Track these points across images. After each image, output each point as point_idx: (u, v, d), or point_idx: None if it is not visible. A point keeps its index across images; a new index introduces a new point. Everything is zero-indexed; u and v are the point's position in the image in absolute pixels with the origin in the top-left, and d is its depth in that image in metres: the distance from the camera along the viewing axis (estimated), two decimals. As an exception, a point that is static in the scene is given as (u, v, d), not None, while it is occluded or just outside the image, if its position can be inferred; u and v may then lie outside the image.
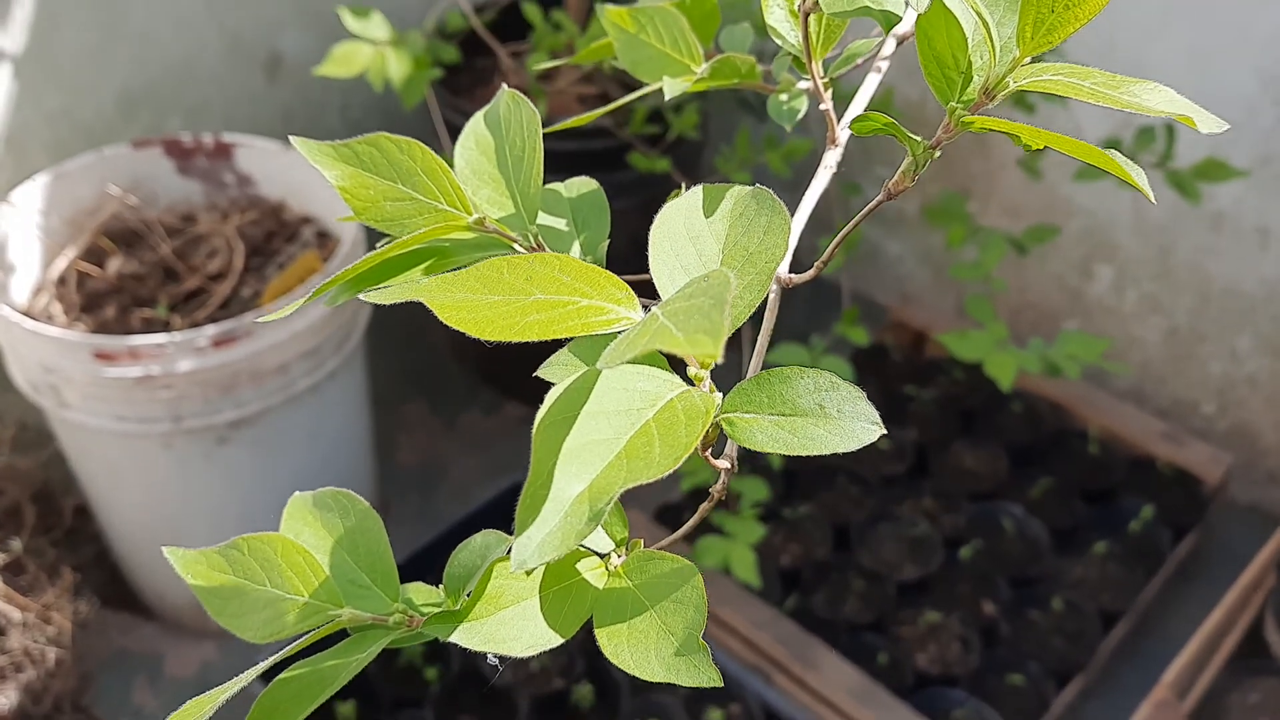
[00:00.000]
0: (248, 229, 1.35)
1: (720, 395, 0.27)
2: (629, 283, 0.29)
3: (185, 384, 1.11)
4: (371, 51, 0.93)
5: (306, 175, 1.35)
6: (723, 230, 0.29)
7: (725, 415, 0.27)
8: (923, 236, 1.80)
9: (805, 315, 1.70)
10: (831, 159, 0.35)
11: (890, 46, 0.35)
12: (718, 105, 1.57)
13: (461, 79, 1.50)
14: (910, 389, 1.60)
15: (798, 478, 1.48)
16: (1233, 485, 1.56)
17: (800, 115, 0.37)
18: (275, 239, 1.35)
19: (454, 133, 1.44)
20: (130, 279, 1.27)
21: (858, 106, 0.35)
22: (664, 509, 1.43)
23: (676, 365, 0.26)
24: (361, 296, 0.29)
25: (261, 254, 1.33)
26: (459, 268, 0.30)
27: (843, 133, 0.35)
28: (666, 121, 1.25)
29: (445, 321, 0.26)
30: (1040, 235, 1.11)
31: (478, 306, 0.26)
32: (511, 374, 1.67)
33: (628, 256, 0.45)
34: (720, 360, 0.23)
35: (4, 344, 1.16)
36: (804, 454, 0.27)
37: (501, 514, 1.43)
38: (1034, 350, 1.06)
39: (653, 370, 0.26)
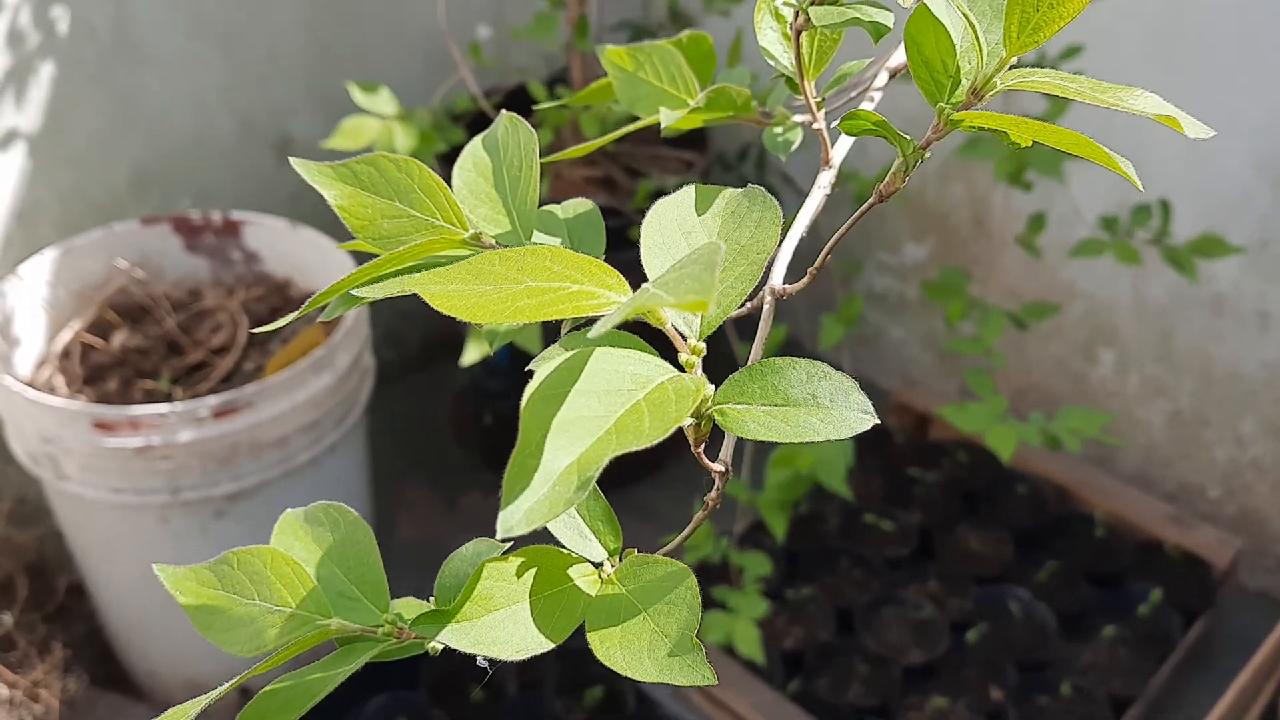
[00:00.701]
0: (253, 304, 1.35)
1: (712, 387, 0.27)
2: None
3: (184, 455, 1.11)
4: (379, 125, 0.94)
5: (313, 254, 1.36)
6: (715, 226, 0.30)
7: (718, 406, 0.27)
8: (925, 321, 1.81)
9: (808, 397, 1.69)
10: (825, 179, 0.36)
11: (883, 79, 0.35)
12: (724, 183, 1.58)
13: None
14: (914, 471, 1.59)
15: (800, 558, 1.47)
16: (1242, 570, 1.54)
17: (794, 147, 0.38)
18: (279, 314, 1.35)
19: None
20: (134, 352, 1.27)
21: (845, 143, 0.35)
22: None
23: (668, 357, 0.26)
24: (353, 291, 0.29)
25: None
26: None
27: (836, 154, 0.35)
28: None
29: (437, 308, 0.26)
30: (1040, 312, 1.11)
31: (469, 295, 0.26)
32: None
33: (633, 331, 0.46)
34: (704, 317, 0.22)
35: (5, 415, 1.16)
36: (797, 441, 0.26)
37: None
38: (1035, 424, 1.05)
39: (644, 355, 0.26)
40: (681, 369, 0.26)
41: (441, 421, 1.77)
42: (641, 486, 1.61)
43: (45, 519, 1.34)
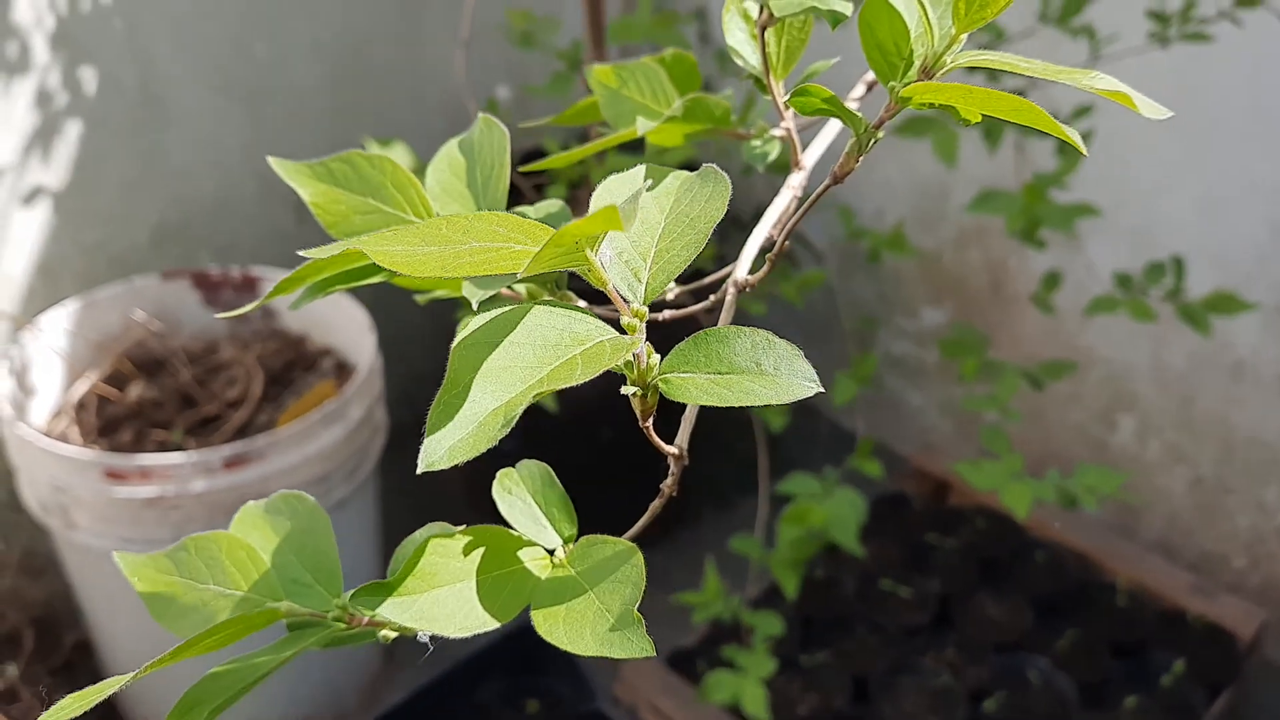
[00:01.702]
0: (268, 358, 1.36)
1: (659, 356, 0.27)
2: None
3: (194, 505, 1.11)
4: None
5: (329, 311, 1.37)
6: (668, 203, 0.30)
7: (663, 375, 0.27)
8: (944, 387, 1.80)
9: (822, 461, 1.68)
10: (796, 180, 0.36)
11: (860, 89, 0.35)
12: (735, 237, 1.59)
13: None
14: (931, 538, 1.57)
15: (815, 624, 1.44)
16: (1267, 642, 1.50)
17: (772, 159, 0.38)
18: (294, 368, 1.36)
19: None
20: (149, 404, 1.28)
21: (825, 138, 0.35)
22: (678, 654, 1.39)
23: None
24: (301, 253, 0.29)
25: (280, 383, 1.35)
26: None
27: (807, 158, 0.35)
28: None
29: (382, 264, 0.25)
30: (1056, 371, 1.10)
31: (415, 255, 0.26)
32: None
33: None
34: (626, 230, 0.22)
35: (17, 463, 1.17)
36: (738, 405, 0.26)
37: (508, 655, 1.39)
38: (1051, 481, 1.04)
39: (586, 318, 0.25)
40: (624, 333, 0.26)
41: (455, 482, 1.76)
42: (653, 553, 1.60)
43: (54, 573, 1.34)
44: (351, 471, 1.24)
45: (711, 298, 0.33)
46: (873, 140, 0.32)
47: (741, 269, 0.34)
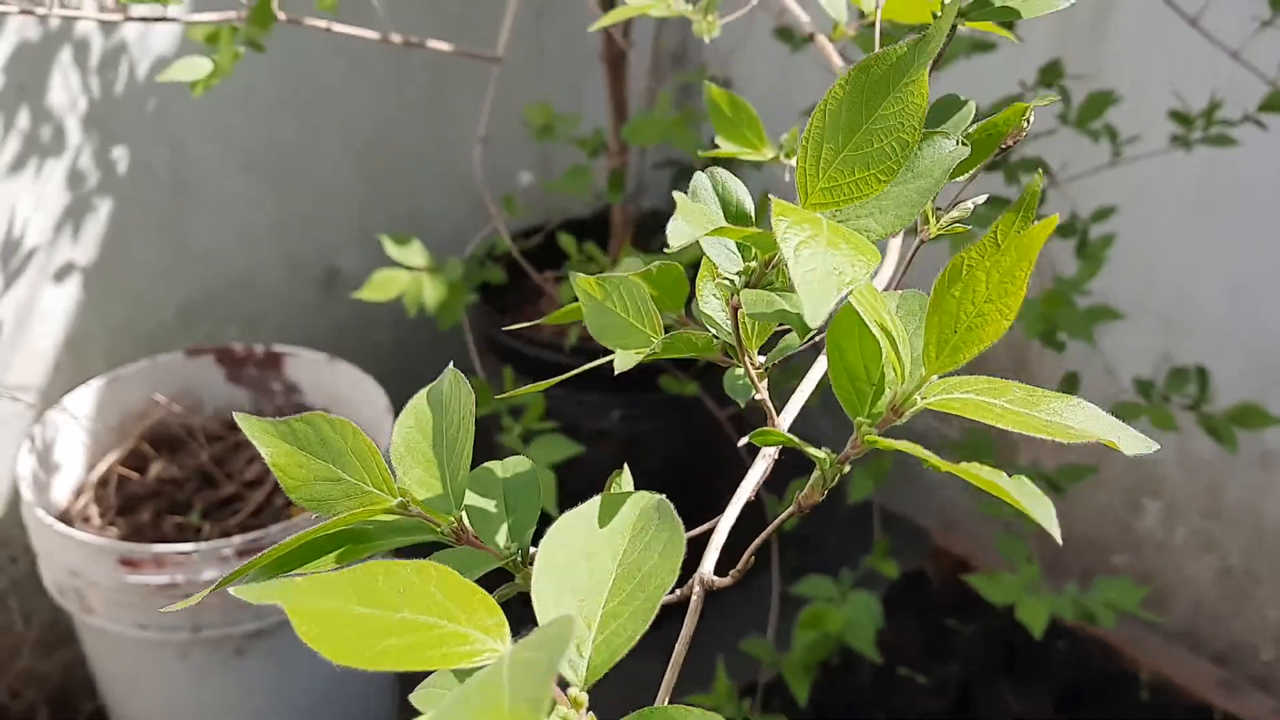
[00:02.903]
0: (289, 437, 1.37)
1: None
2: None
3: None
4: (409, 278, 0.97)
5: (350, 387, 1.38)
6: (621, 545, 0.29)
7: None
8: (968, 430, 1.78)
9: (839, 540, 1.66)
10: (770, 450, 0.35)
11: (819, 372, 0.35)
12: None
13: (508, 297, 1.55)
14: (952, 622, 1.55)
15: (827, 709, 1.43)
16: (1297, 741, 1.46)
17: (753, 395, 0.38)
18: (314, 448, 1.37)
19: (492, 349, 1.48)
20: (169, 483, 1.29)
21: (795, 405, 0.35)
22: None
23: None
24: (231, 591, 0.28)
25: (299, 462, 1.35)
26: (374, 555, 0.30)
27: (783, 422, 0.35)
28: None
29: (301, 636, 0.25)
30: (1076, 474, 1.09)
31: (341, 621, 0.25)
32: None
33: (664, 477, 0.46)
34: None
35: (37, 546, 1.18)
36: None
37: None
38: (1068, 596, 1.02)
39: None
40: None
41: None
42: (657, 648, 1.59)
43: (72, 644, 1.35)
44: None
45: (677, 591, 0.32)
46: (838, 475, 0.32)
47: (708, 562, 0.34)
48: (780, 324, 0.36)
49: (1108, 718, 1.41)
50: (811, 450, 0.31)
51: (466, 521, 0.35)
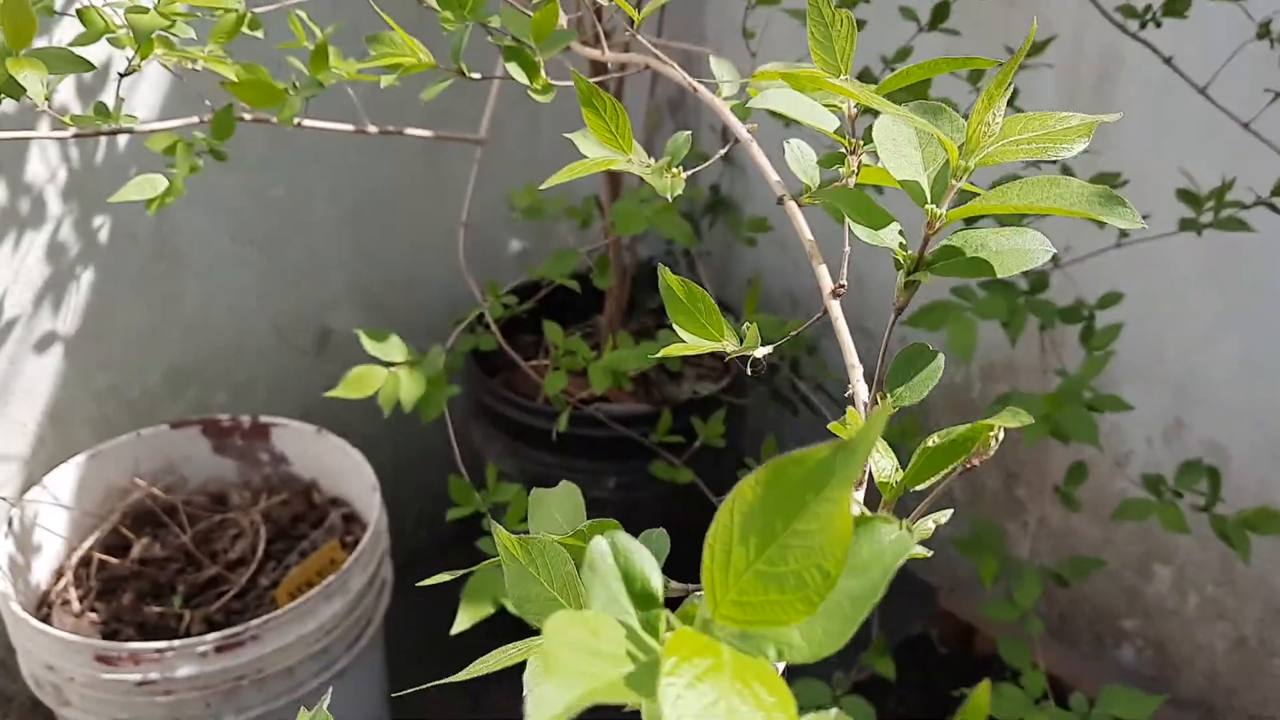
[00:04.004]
0: (275, 509, 1.34)
1: None
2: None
3: (185, 689, 1.09)
4: (385, 374, 0.93)
5: (338, 459, 1.35)
6: None
7: None
8: (971, 521, 1.74)
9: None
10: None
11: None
12: (752, 412, 1.55)
13: (500, 359, 1.52)
14: (959, 690, 1.51)
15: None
16: (1314, 821, 1.42)
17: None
18: (302, 522, 1.34)
19: (484, 412, 1.44)
20: (152, 563, 1.27)
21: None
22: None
23: None
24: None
25: (287, 537, 1.33)
26: None
27: None
28: (693, 430, 1.23)
29: None
30: (1081, 568, 1.05)
31: None
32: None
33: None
34: None
35: (14, 639, 1.16)
36: None
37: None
38: (1078, 709, 0.98)
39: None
40: None
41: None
42: None
43: (58, 724, 1.32)
44: (353, 641, 1.21)
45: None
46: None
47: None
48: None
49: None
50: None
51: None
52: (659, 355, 1.01)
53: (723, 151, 0.59)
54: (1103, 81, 1.32)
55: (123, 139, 1.30)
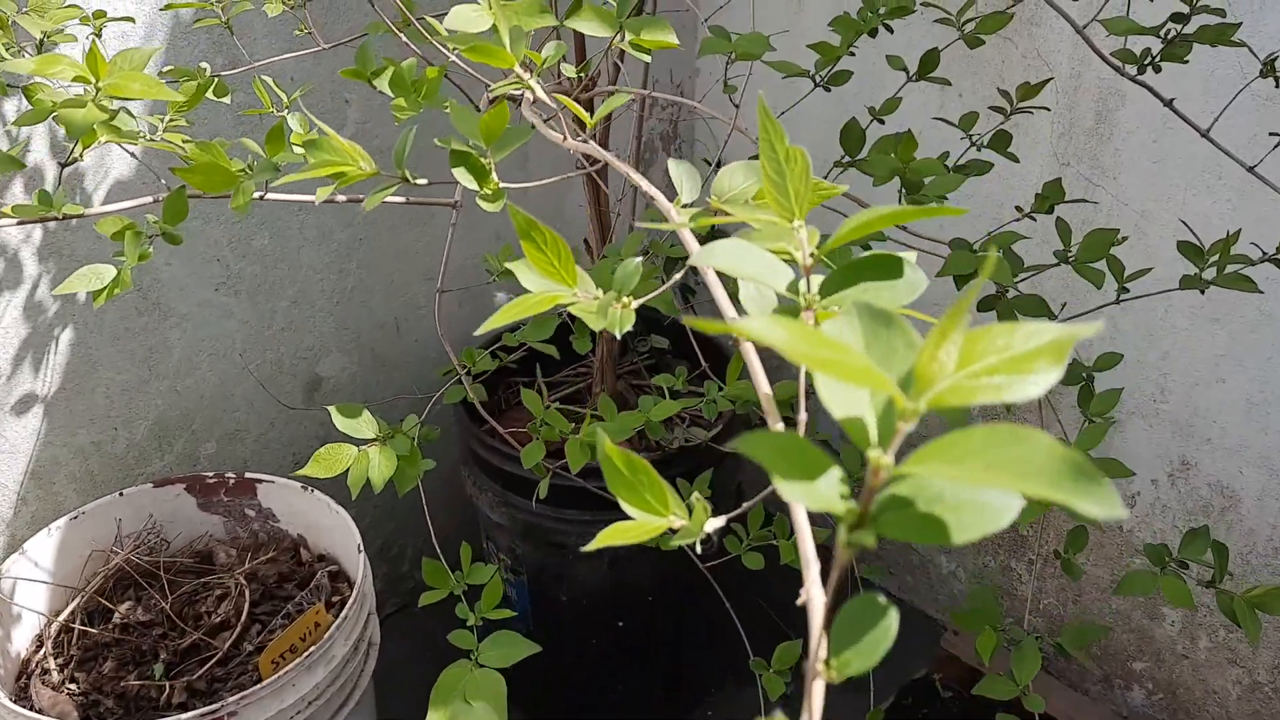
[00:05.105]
0: (262, 568, 1.32)
1: None
2: None
3: (164, 767, 1.06)
4: (355, 453, 0.91)
5: (324, 515, 1.33)
6: None
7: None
8: (975, 557, 1.71)
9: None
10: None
11: None
12: (754, 478, 1.52)
13: (490, 404, 1.49)
14: (962, 738, 1.48)
15: None
16: None
17: None
18: (289, 582, 1.32)
19: (474, 459, 1.42)
20: (134, 628, 1.24)
21: None
22: None
23: None
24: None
25: (272, 598, 1.30)
26: None
27: None
28: (688, 476, 1.20)
29: None
30: (1083, 638, 1.01)
31: None
32: (543, 693, 1.59)
33: (652, 594, 0.40)
34: None
35: (-10, 714, 1.14)
36: None
37: None
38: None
39: None
40: None
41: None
42: None
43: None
44: (339, 707, 1.19)
45: None
46: None
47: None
48: None
49: None
50: None
51: None
52: (637, 425, 0.98)
53: (676, 278, 0.56)
54: (1100, 121, 1.28)
55: (100, 195, 1.27)
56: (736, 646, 1.38)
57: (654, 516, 0.42)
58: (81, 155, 0.70)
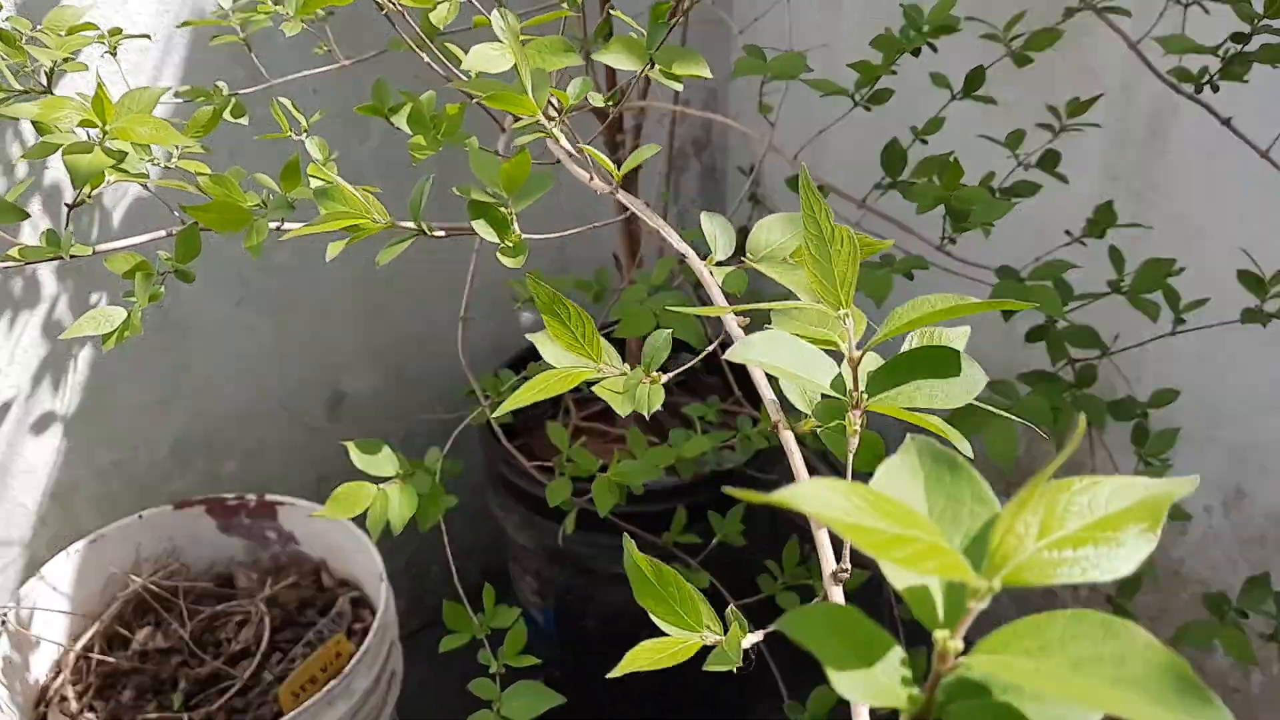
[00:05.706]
0: (283, 594, 1.29)
1: None
2: None
3: (180, 806, 1.04)
4: (374, 492, 0.87)
5: (345, 538, 1.30)
6: None
7: None
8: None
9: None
10: None
11: None
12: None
13: (517, 423, 1.46)
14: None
15: None
16: None
17: None
18: (310, 608, 1.29)
19: (500, 482, 1.38)
20: (153, 655, 1.22)
21: None
22: None
23: None
24: None
25: (294, 624, 1.27)
26: None
27: None
28: (710, 529, 1.16)
29: None
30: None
31: None
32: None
33: None
34: None
35: (5, 747, 1.12)
36: None
37: None
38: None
39: None
40: None
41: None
42: None
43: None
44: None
45: None
46: None
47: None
48: None
49: None
50: None
51: None
52: (667, 463, 0.93)
53: (714, 345, 0.51)
54: (1153, 136, 1.23)
55: (119, 215, 1.25)
56: (772, 682, 1.34)
57: (687, 631, 0.38)
58: (89, 197, 0.67)
